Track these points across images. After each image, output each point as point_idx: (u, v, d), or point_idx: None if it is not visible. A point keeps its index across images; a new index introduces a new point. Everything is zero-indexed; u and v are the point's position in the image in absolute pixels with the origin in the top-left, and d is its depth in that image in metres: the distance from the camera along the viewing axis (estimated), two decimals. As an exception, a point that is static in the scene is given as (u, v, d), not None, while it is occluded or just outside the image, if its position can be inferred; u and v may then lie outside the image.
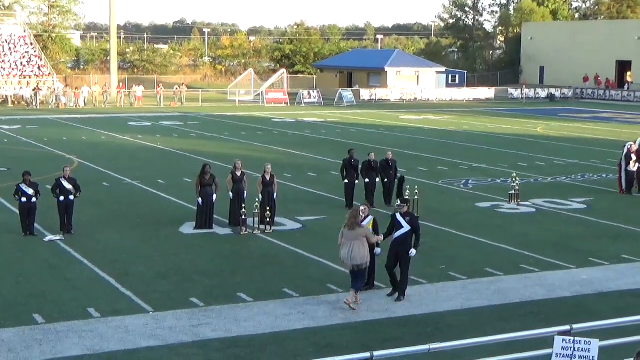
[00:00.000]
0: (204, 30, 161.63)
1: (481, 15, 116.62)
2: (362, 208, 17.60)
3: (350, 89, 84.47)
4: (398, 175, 26.95)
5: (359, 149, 29.96)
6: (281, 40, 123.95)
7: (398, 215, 17.56)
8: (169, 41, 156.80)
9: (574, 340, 9.47)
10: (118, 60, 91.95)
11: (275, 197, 24.42)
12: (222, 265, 20.28)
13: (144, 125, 56.73)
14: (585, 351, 9.31)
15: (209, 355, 14.24)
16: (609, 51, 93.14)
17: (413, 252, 17.43)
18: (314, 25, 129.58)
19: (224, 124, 57.64)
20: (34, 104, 71.02)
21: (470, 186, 31.95)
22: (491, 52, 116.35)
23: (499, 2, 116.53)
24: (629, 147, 30.91)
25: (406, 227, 17.34)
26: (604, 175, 34.68)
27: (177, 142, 46.36)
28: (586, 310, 16.49)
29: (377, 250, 17.79)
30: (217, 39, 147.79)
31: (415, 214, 20.12)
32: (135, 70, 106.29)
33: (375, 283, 18.35)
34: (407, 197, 22.09)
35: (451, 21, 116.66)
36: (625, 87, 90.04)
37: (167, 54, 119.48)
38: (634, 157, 30.45)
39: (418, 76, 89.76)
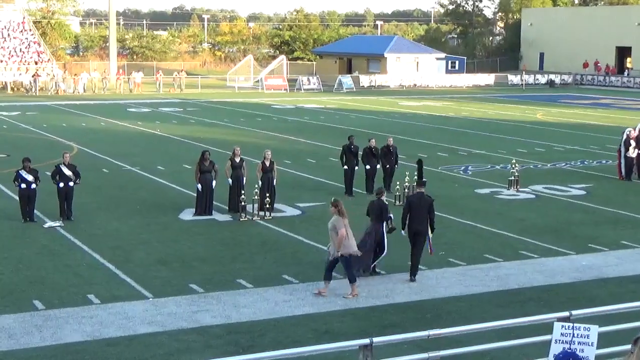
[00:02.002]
0: (203, 16, 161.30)
1: (481, 1, 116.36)
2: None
3: (349, 75, 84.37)
4: (419, 157, 26.84)
5: (359, 135, 29.94)
6: (280, 27, 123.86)
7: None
8: (168, 27, 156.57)
9: (573, 327, 9.47)
10: (117, 46, 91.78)
11: (274, 183, 24.45)
12: (222, 252, 20.30)
13: (143, 111, 56.70)
14: (585, 337, 9.31)
15: (209, 341, 14.27)
16: (609, 37, 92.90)
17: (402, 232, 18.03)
18: (313, 12, 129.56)
19: (223, 110, 57.61)
20: (33, 90, 70.94)
21: (470, 172, 31.97)
22: (491, 38, 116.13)
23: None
24: (628, 133, 30.91)
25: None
26: (604, 162, 34.70)
27: (177, 128, 46.35)
28: (585, 297, 16.52)
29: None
30: (216, 25, 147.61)
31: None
32: (135, 57, 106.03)
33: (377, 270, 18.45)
34: (424, 180, 21.81)
35: (451, 7, 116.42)
36: (625, 73, 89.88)
37: (166, 41, 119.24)
38: (633, 143, 30.46)
39: (417, 62, 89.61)
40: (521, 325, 11.84)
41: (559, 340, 9.33)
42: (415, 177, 25.36)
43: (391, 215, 18.42)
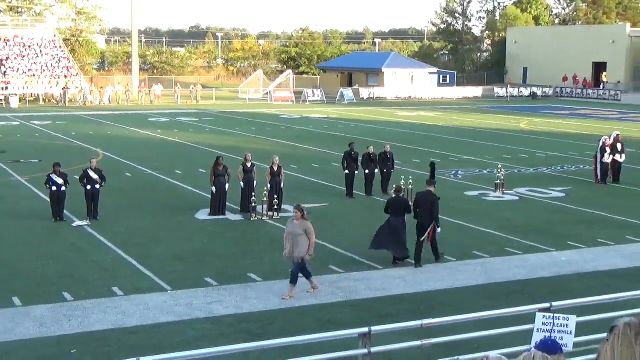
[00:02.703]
0: (217, 34, 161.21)
1: (470, 20, 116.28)
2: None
3: (350, 88, 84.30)
4: (431, 160, 26.50)
5: (359, 143, 29.91)
6: (288, 44, 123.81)
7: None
8: (186, 45, 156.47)
9: (553, 317, 9.47)
10: (139, 62, 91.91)
11: (282, 186, 24.49)
12: (234, 249, 20.33)
13: (163, 121, 56.72)
14: (564, 326, 9.31)
15: (222, 330, 14.29)
16: (586, 53, 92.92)
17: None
18: (317, 30, 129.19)
19: (236, 120, 57.63)
20: (63, 101, 71.11)
21: (460, 176, 31.93)
22: (479, 54, 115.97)
23: (486, 9, 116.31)
24: (604, 141, 30.92)
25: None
26: (581, 167, 34.63)
27: (193, 136, 46.36)
28: (565, 289, 16.49)
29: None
30: (229, 42, 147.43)
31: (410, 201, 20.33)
32: (155, 71, 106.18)
33: (370, 264, 18.46)
34: (435, 180, 21.96)
35: (442, 26, 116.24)
36: (601, 86, 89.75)
37: (183, 57, 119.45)
38: (608, 150, 30.50)
39: (412, 76, 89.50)
40: (506, 315, 11.82)
41: (541, 329, 9.32)
42: (410, 182, 25.41)
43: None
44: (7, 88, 71.04)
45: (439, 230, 18.84)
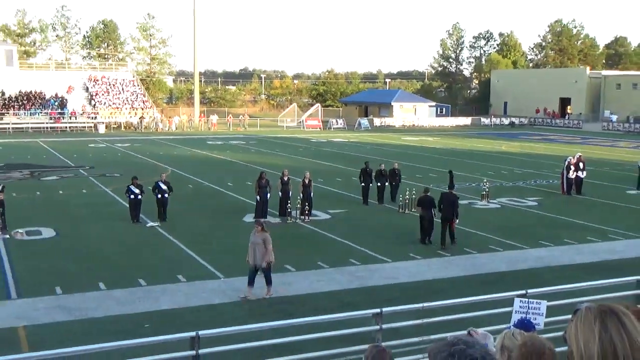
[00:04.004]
0: (261, 75, 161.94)
1: (461, 64, 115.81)
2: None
3: (366, 118, 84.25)
4: (450, 172, 25.45)
5: (372, 161, 29.90)
6: (317, 83, 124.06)
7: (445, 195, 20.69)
8: (236, 83, 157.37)
9: (528, 301, 9.37)
10: (199, 97, 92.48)
11: (312, 195, 24.46)
12: (274, 245, 20.31)
13: (218, 143, 56.98)
14: (537, 309, 9.20)
15: (263, 309, 14.29)
16: (554, 91, 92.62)
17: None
18: (340, 72, 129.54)
19: (275, 143, 57.79)
20: (139, 128, 71.65)
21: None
22: (468, 91, 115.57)
23: (474, 55, 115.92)
24: (569, 160, 30.78)
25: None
26: (551, 181, 34.35)
27: (241, 155, 46.53)
28: (538, 279, 16.35)
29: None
30: (270, 81, 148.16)
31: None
32: (212, 104, 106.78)
33: (382, 257, 18.39)
34: (454, 184, 23.59)
35: (439, 69, 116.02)
36: (566, 117, 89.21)
37: (234, 93, 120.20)
38: (572, 167, 30.37)
39: (415, 109, 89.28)
40: (490, 300, 11.74)
41: (518, 311, 9.22)
42: (414, 193, 25.33)
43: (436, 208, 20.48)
44: (95, 117, 71.75)
45: (457, 221, 20.37)
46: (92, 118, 71.57)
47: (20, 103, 70.84)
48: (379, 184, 27.52)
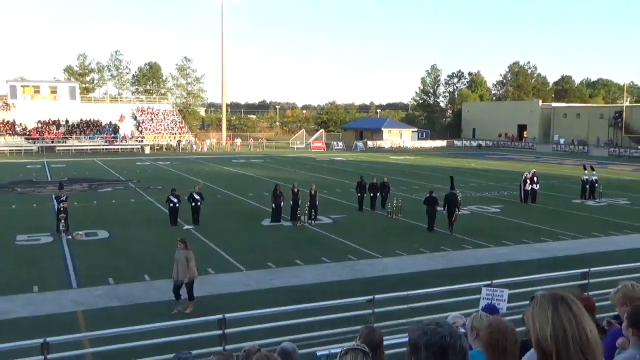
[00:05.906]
0: (276, 106, 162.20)
1: (438, 98, 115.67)
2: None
3: (361, 140, 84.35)
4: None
5: (366, 176, 29.85)
6: (321, 112, 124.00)
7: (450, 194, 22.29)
8: (256, 113, 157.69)
9: (493, 290, 9.33)
10: (226, 124, 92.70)
11: (317, 203, 24.44)
12: (286, 244, 20.28)
13: (241, 161, 57.01)
14: (500, 297, 9.16)
15: (278, 297, 14.21)
16: (513, 119, 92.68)
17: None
18: (340, 103, 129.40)
19: (288, 161, 57.81)
20: (178, 149, 71.84)
21: (432, 198, 31.62)
22: (444, 119, 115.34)
23: (449, 90, 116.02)
24: (525, 175, 30.80)
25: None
26: (511, 192, 34.23)
27: (260, 171, 46.53)
28: (501, 271, 16.25)
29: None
30: (284, 111, 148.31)
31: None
32: (236, 130, 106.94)
33: (374, 254, 18.28)
34: (455, 186, 24.42)
35: (420, 101, 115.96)
36: (523, 140, 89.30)
37: (254, 120, 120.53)
38: (528, 181, 30.36)
39: (401, 133, 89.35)
40: (462, 288, 11.67)
41: (485, 298, 9.18)
42: (400, 201, 25.25)
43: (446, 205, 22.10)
44: (142, 140, 71.98)
45: (459, 212, 22.21)
46: (139, 141, 71.78)
47: (81, 129, 71.55)
48: (371, 194, 27.49)
